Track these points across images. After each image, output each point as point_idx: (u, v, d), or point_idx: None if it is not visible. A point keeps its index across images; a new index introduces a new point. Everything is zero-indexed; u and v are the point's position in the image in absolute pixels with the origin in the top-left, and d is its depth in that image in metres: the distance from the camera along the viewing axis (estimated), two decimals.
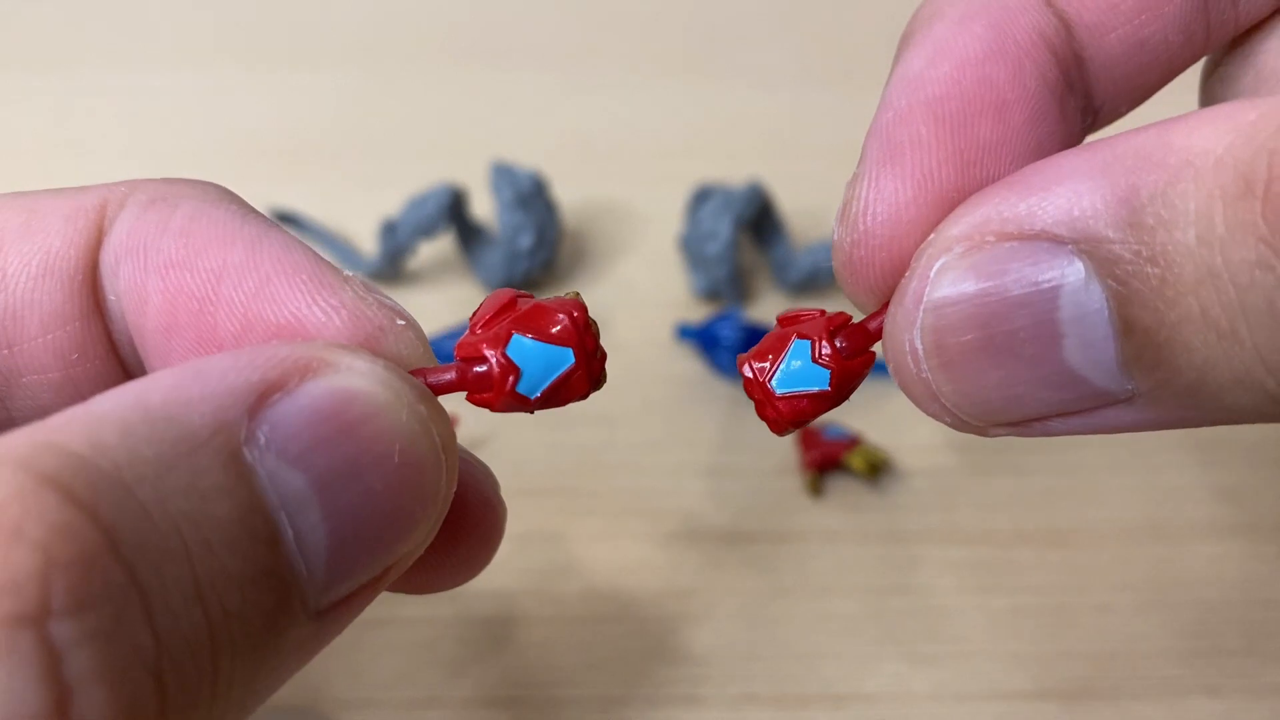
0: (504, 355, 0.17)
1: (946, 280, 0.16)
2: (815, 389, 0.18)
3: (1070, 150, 0.16)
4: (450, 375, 0.17)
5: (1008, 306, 0.16)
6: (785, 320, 0.19)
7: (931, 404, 0.17)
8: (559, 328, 0.17)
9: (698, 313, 0.36)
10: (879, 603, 0.29)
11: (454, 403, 0.19)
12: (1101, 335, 0.15)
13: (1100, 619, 0.28)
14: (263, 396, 0.14)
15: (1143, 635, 0.28)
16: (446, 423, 0.16)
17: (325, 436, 0.14)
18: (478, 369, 0.17)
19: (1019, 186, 0.16)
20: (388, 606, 0.28)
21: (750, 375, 0.18)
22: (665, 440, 0.33)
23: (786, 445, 0.32)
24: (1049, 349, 0.16)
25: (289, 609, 0.14)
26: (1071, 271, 0.15)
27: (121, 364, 0.18)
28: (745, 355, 0.18)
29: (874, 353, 0.18)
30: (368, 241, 0.39)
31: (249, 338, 0.17)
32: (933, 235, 0.17)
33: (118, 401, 0.13)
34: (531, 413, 0.17)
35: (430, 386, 0.16)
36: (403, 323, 0.17)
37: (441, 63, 0.48)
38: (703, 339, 0.34)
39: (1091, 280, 0.15)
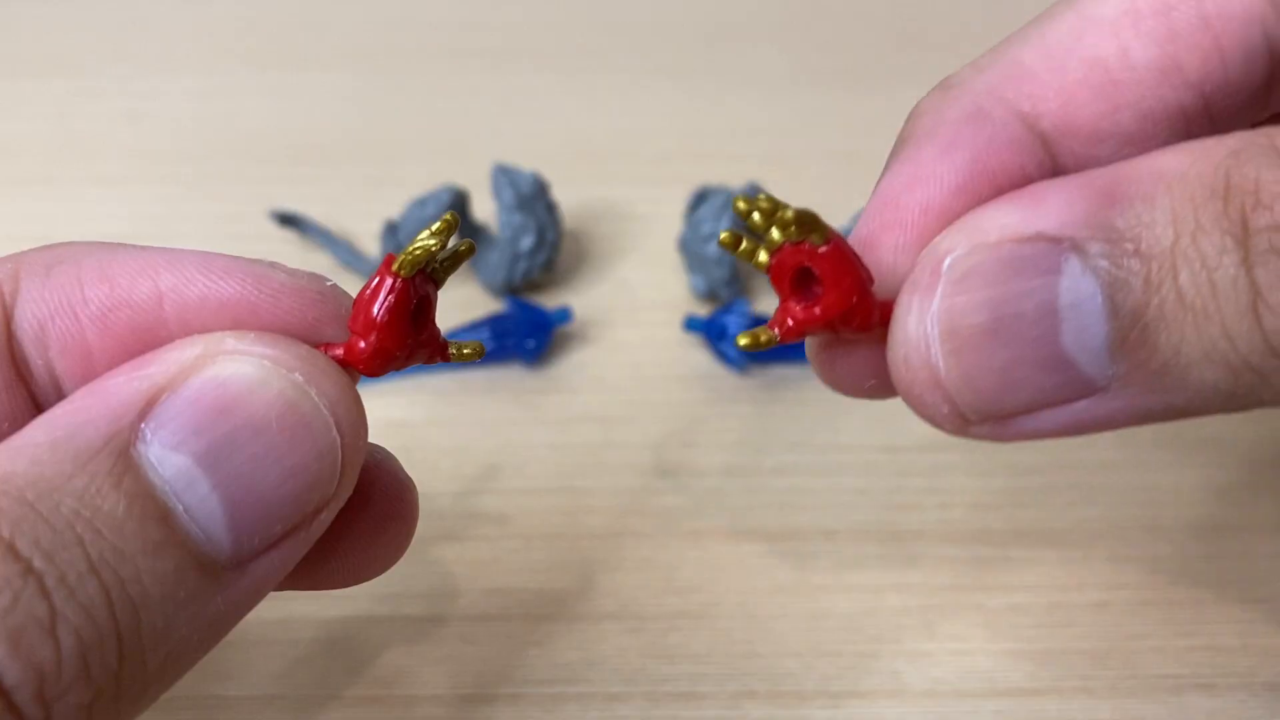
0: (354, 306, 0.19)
1: (958, 271, 0.18)
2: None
3: (1046, 181, 0.19)
4: (340, 348, 0.19)
5: (1016, 293, 0.18)
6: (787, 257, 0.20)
7: (932, 393, 0.19)
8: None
9: (698, 313, 0.36)
10: (876, 601, 0.29)
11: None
12: (1094, 319, 0.18)
13: (1096, 617, 0.28)
14: (151, 400, 0.17)
15: (1139, 633, 0.28)
16: (340, 382, 0.18)
17: (203, 419, 0.17)
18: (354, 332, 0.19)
19: (1011, 202, 0.18)
20: (388, 605, 0.29)
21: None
22: (665, 440, 0.33)
23: (786, 445, 0.33)
24: (1049, 332, 0.18)
25: (193, 568, 0.16)
26: (1069, 264, 0.18)
27: None
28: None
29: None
30: (370, 243, 0.39)
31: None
32: (935, 240, 0.19)
33: (33, 432, 0.16)
34: (374, 350, 0.19)
35: (335, 357, 0.19)
36: (331, 282, 0.19)
37: (443, 64, 0.48)
38: (710, 330, 0.35)
39: (1086, 272, 0.18)
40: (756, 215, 0.19)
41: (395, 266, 0.18)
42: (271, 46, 0.50)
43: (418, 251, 0.18)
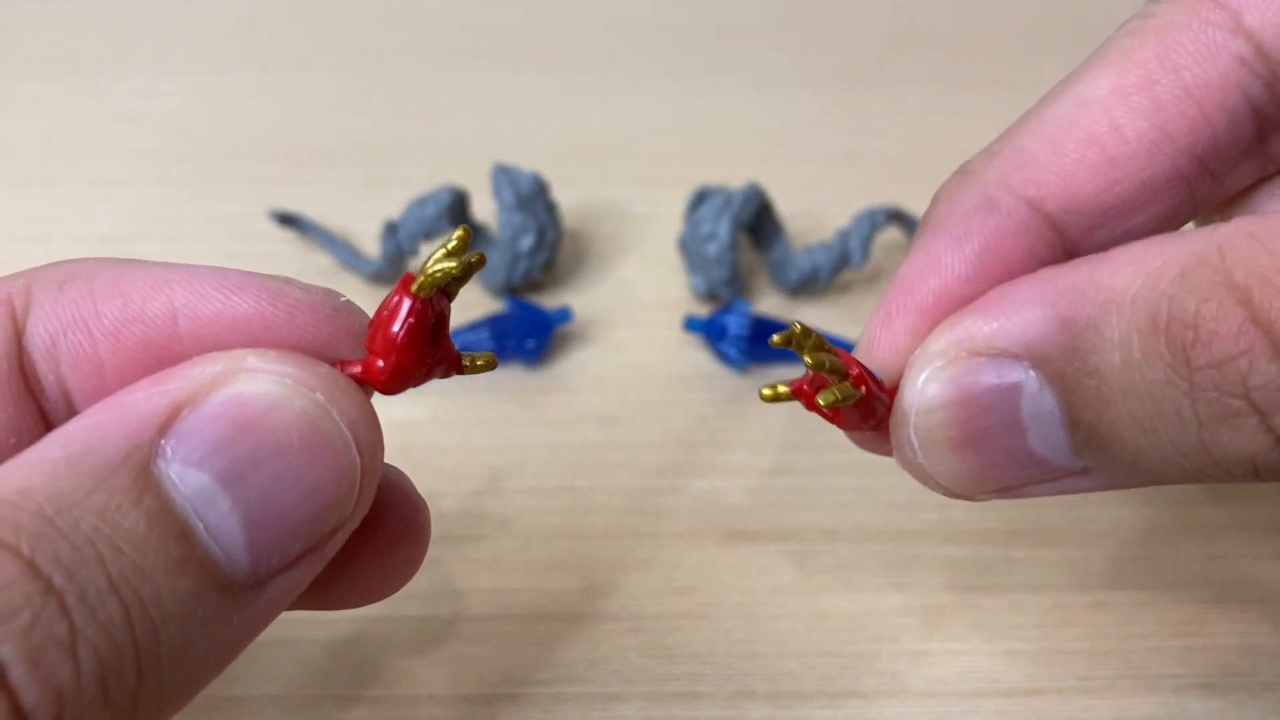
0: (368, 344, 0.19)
1: (931, 388, 0.20)
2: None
3: (1027, 278, 0.20)
4: (359, 365, 0.19)
5: (980, 409, 0.20)
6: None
7: (929, 482, 0.22)
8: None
9: (698, 312, 0.36)
10: (876, 601, 0.29)
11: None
12: (1055, 429, 0.20)
13: (1096, 617, 0.28)
14: (171, 416, 0.17)
15: (1138, 633, 0.28)
16: (360, 402, 0.18)
17: (224, 437, 0.17)
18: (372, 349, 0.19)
19: (983, 312, 0.20)
20: (388, 605, 0.29)
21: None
22: (665, 440, 0.33)
23: (786, 445, 0.33)
24: (1015, 439, 0.20)
25: (212, 588, 0.16)
26: (1028, 381, 0.19)
27: None
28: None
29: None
30: (369, 243, 0.39)
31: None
32: (919, 350, 0.21)
33: (48, 447, 0.16)
34: (393, 371, 0.19)
35: (352, 375, 0.19)
36: (344, 298, 0.19)
37: (443, 64, 0.49)
38: (710, 330, 0.35)
39: (1044, 388, 0.19)
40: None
41: (415, 288, 0.18)
42: (271, 46, 0.50)
43: (437, 274, 0.18)
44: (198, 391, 0.17)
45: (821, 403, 0.20)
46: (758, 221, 0.37)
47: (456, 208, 0.36)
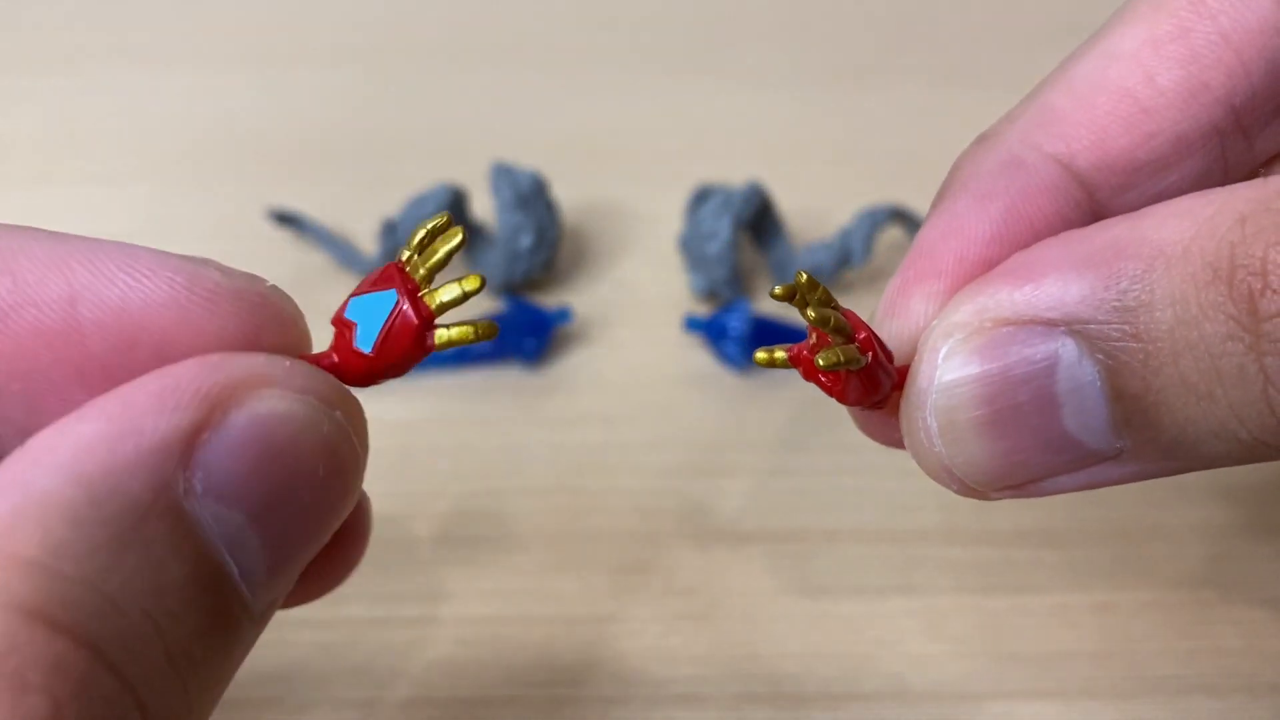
0: (342, 318, 0.17)
1: (953, 363, 0.18)
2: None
3: (1051, 240, 0.18)
4: (333, 357, 0.17)
5: (1011, 383, 0.18)
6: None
7: (943, 474, 0.19)
8: (383, 277, 0.17)
9: (698, 312, 0.36)
10: (878, 603, 0.29)
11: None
12: (1095, 403, 0.18)
13: (1099, 619, 0.28)
14: (191, 440, 0.15)
15: (1142, 635, 0.28)
16: (357, 408, 0.17)
17: (256, 468, 0.15)
18: (336, 344, 0.17)
19: (1010, 277, 0.18)
20: (384, 606, 0.28)
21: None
22: (665, 440, 0.33)
23: (786, 445, 0.32)
24: (1049, 418, 0.18)
25: (239, 631, 0.15)
26: (1065, 350, 0.18)
27: None
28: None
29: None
30: (368, 242, 0.39)
31: (130, 355, 0.16)
32: (935, 321, 0.19)
33: (55, 479, 0.14)
34: (380, 373, 0.17)
35: (326, 367, 0.17)
36: (269, 283, 0.17)
37: (442, 62, 0.48)
38: (711, 330, 0.34)
39: (1083, 356, 0.17)
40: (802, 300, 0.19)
41: (437, 342, 0.17)
42: (270, 44, 0.50)
43: (448, 304, 0.17)
44: (213, 410, 0.15)
45: (821, 363, 0.18)
46: (759, 220, 0.37)
47: (455, 206, 0.36)
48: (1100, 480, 0.19)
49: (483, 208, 0.39)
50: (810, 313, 0.18)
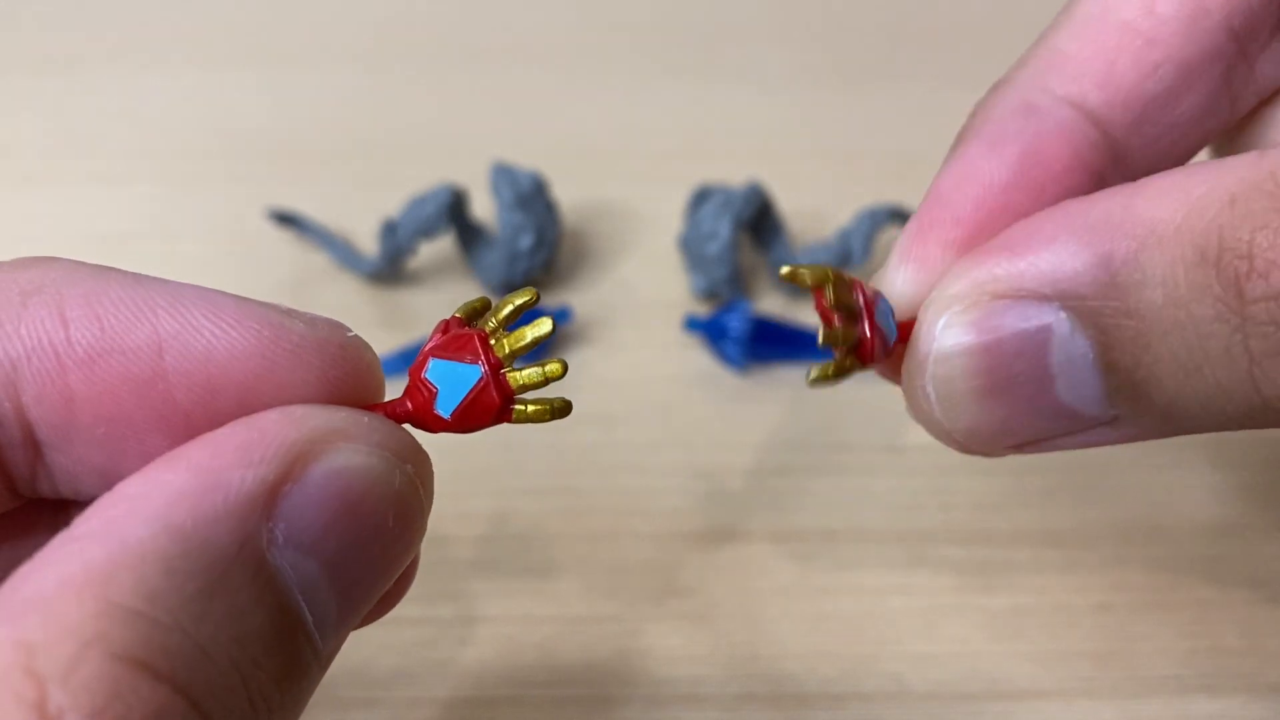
0: (422, 378, 0.18)
1: (951, 335, 0.19)
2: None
3: (1048, 212, 0.19)
4: (407, 404, 0.18)
5: (1006, 355, 0.18)
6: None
7: (944, 437, 0.20)
8: (468, 347, 0.18)
9: (698, 312, 0.36)
10: (878, 602, 0.29)
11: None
12: (1087, 375, 0.18)
13: (1099, 618, 0.28)
14: (275, 492, 0.15)
15: (1142, 635, 0.28)
16: (426, 461, 0.17)
17: (333, 520, 0.15)
18: (413, 397, 0.18)
19: (1007, 250, 0.19)
20: None
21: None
22: (665, 440, 0.33)
23: (786, 445, 0.32)
24: (1043, 389, 0.19)
25: (309, 676, 0.15)
26: (1059, 324, 0.18)
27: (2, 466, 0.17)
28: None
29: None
30: (368, 242, 0.39)
31: (213, 403, 0.16)
32: (934, 293, 0.19)
33: (149, 529, 0.14)
34: (462, 430, 0.18)
35: (397, 416, 0.18)
36: (351, 333, 0.18)
37: (442, 62, 0.48)
38: (711, 330, 0.34)
39: (1076, 331, 0.18)
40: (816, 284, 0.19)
41: (515, 419, 0.18)
42: (270, 44, 0.50)
43: (537, 414, 0.18)
44: (295, 463, 0.15)
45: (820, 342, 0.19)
46: (759, 220, 0.37)
47: (455, 207, 0.36)
48: (1098, 441, 0.19)
49: (483, 208, 0.39)
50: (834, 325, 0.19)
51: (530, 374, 0.18)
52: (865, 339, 0.19)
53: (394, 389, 0.18)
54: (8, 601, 0.13)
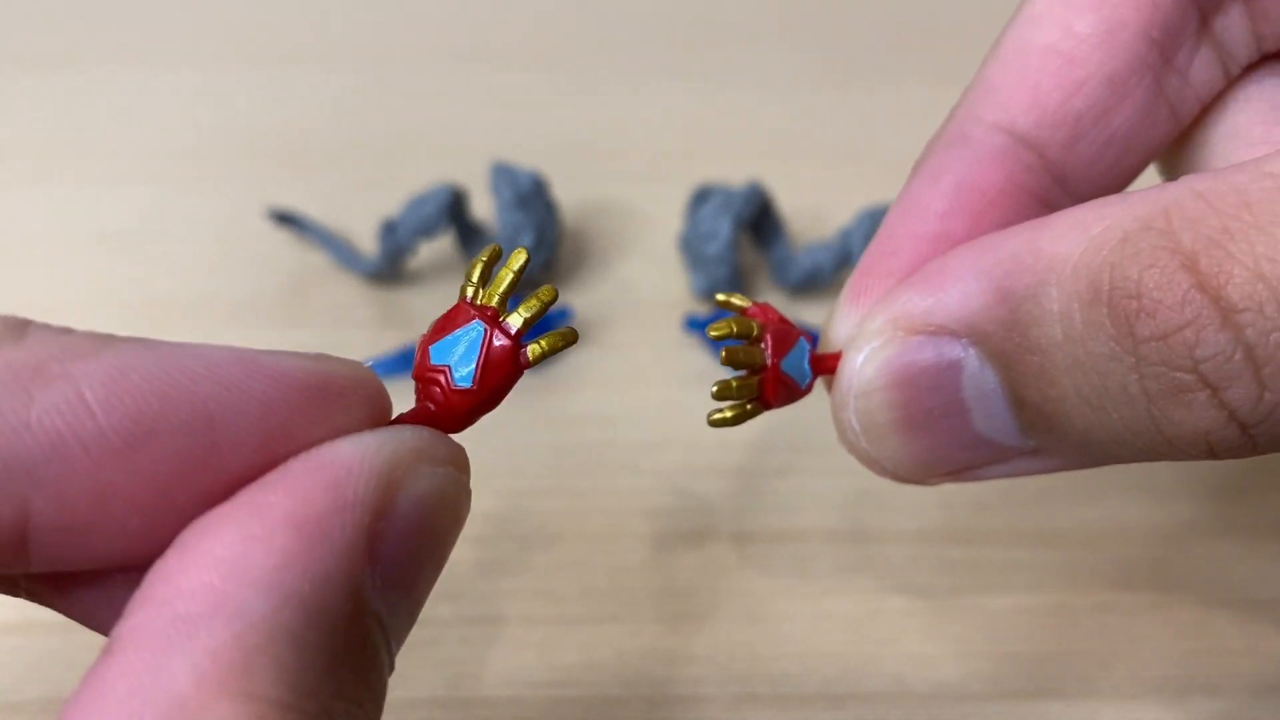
0: (430, 367, 0.17)
1: (869, 369, 0.20)
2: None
3: (964, 247, 0.19)
4: (429, 405, 0.17)
5: (921, 389, 0.19)
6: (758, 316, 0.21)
7: (874, 466, 0.21)
8: (458, 316, 0.18)
9: (698, 312, 0.36)
10: (878, 603, 0.29)
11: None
12: (999, 409, 0.19)
13: (1100, 618, 0.28)
14: (373, 534, 0.15)
15: (1143, 635, 0.28)
16: (468, 465, 0.17)
17: (418, 551, 0.16)
18: (430, 394, 0.17)
19: (921, 285, 0.19)
20: None
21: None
22: (665, 440, 0.33)
23: (787, 445, 0.32)
24: (960, 421, 0.19)
25: (384, 697, 0.15)
26: (968, 359, 0.18)
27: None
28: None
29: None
30: (367, 241, 0.39)
31: (266, 464, 0.15)
32: (856, 330, 0.20)
33: (269, 604, 0.13)
34: (481, 406, 0.18)
35: (424, 424, 0.17)
36: (368, 363, 0.18)
37: (441, 62, 0.48)
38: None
39: (984, 365, 0.18)
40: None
41: (531, 358, 0.18)
42: (269, 43, 0.50)
43: (550, 344, 0.18)
44: (384, 495, 0.15)
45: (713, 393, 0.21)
46: (759, 220, 0.37)
47: (455, 206, 0.36)
48: (1025, 471, 0.20)
49: (483, 208, 0.38)
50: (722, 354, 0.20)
51: (527, 306, 0.18)
52: (764, 390, 0.21)
53: (393, 389, 0.18)
54: (142, 711, 0.12)
